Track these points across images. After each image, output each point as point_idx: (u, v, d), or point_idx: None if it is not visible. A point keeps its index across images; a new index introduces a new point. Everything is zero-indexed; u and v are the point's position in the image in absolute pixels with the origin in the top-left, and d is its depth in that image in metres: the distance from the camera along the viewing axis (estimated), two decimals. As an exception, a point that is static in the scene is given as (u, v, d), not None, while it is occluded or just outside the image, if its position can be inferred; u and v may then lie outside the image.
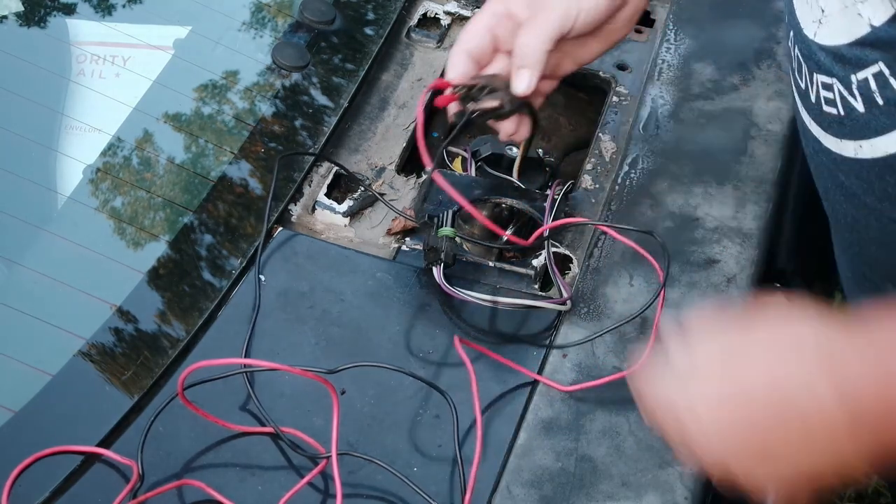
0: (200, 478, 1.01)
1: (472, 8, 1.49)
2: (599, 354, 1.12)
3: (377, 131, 1.35)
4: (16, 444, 1.01)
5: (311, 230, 1.25)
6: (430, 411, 1.08)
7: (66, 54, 1.33)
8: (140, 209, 1.21)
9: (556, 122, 1.50)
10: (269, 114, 1.32)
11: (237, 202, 1.24)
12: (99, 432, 1.04)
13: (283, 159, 1.26)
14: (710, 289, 1.18)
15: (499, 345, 1.14)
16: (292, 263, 1.20)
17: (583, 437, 1.06)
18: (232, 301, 1.16)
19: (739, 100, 1.37)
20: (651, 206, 1.26)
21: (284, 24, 1.43)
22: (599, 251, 1.21)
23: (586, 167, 1.31)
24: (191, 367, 1.02)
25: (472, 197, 1.27)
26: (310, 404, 1.07)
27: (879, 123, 0.85)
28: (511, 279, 1.20)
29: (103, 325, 1.11)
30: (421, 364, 1.11)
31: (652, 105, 1.37)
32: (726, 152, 1.32)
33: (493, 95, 1.14)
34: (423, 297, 1.18)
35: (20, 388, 1.05)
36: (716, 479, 0.83)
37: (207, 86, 1.34)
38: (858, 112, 0.86)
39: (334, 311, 1.16)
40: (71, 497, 1.00)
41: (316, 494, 1.02)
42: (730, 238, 1.23)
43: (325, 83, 1.37)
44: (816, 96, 0.91)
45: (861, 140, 0.88)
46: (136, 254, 1.18)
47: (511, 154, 1.33)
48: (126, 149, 1.26)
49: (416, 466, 1.04)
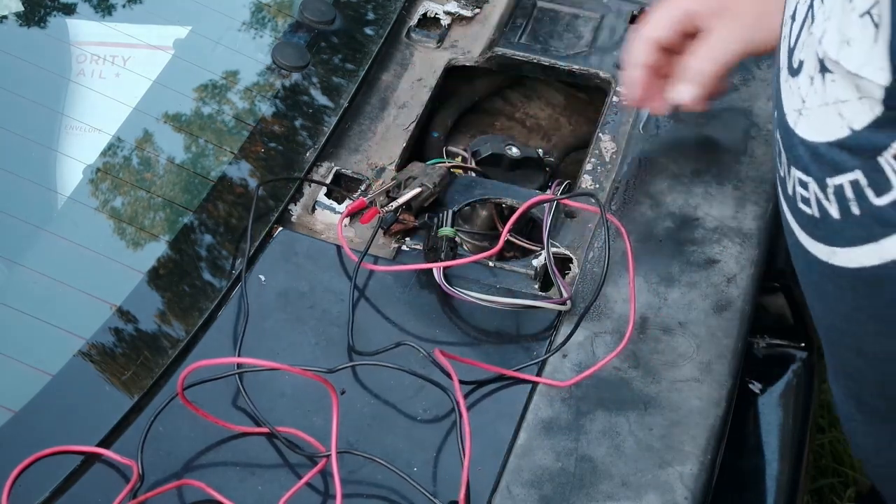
0: (200, 478, 1.01)
1: (472, 8, 1.49)
2: (599, 354, 1.12)
3: (377, 131, 1.35)
4: (16, 444, 1.01)
5: (311, 230, 1.25)
6: (431, 411, 1.08)
7: (66, 54, 1.33)
8: (140, 209, 1.21)
9: (556, 122, 1.50)
10: (269, 114, 1.32)
11: (237, 202, 1.24)
12: (99, 432, 1.04)
13: (266, 185, 1.26)
14: (710, 289, 1.18)
15: (498, 345, 1.14)
16: (292, 263, 1.20)
17: (583, 437, 1.06)
18: (232, 301, 1.16)
19: (739, 100, 1.37)
20: (651, 206, 1.26)
21: (284, 24, 1.43)
22: (599, 251, 1.21)
23: (586, 167, 1.31)
24: (190, 366, 1.02)
25: (472, 197, 1.27)
26: (310, 404, 1.07)
27: (854, 234, 0.79)
28: (511, 279, 1.20)
29: (103, 325, 1.11)
30: (421, 364, 1.11)
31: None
32: (726, 152, 1.32)
33: (411, 185, 1.22)
34: (423, 297, 1.18)
35: (20, 388, 1.05)
36: None
37: (207, 86, 1.34)
38: (833, 218, 0.80)
39: (334, 311, 1.16)
40: (71, 497, 1.00)
41: (316, 494, 1.02)
42: (730, 238, 1.23)
43: (325, 83, 1.37)
44: (793, 190, 0.85)
45: (835, 247, 0.81)
46: (136, 254, 1.18)
47: (511, 154, 1.33)
48: (126, 149, 1.26)
49: (417, 466, 1.04)
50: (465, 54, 1.45)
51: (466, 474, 1.00)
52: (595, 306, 1.15)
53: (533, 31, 1.47)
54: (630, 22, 1.48)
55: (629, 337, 1.12)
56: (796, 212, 0.85)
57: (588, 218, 1.25)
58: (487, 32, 1.47)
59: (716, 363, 1.11)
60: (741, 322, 1.16)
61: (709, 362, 1.12)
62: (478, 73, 1.49)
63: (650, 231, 1.23)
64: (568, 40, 1.46)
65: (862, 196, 0.76)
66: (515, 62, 1.45)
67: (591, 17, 1.49)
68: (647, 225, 1.24)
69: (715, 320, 1.15)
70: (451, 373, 1.08)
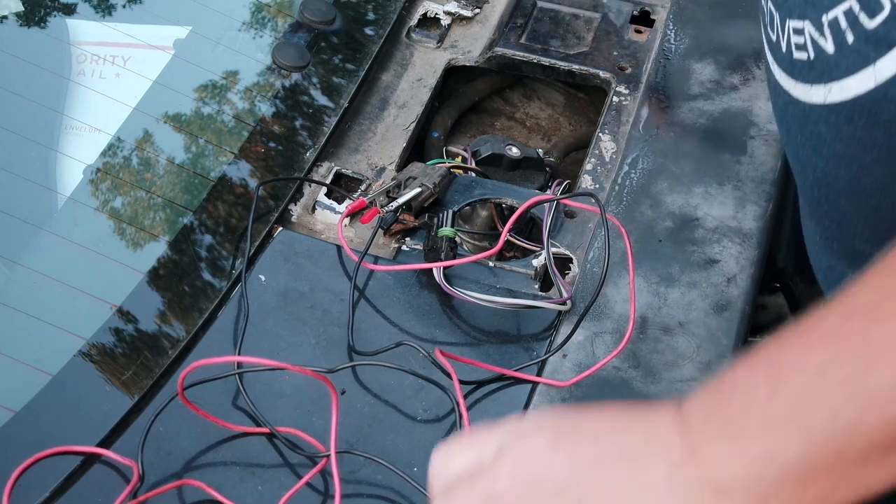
0: (200, 478, 1.01)
1: (472, 8, 1.49)
2: (599, 354, 1.12)
3: (377, 131, 1.35)
4: (16, 445, 1.01)
5: (311, 230, 1.25)
6: (431, 411, 1.08)
7: (66, 54, 1.33)
8: (140, 209, 1.21)
9: (556, 122, 1.50)
10: (269, 114, 1.32)
11: (237, 202, 1.24)
12: (99, 432, 1.04)
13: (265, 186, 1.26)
14: (710, 289, 1.18)
15: (498, 345, 1.14)
16: (292, 263, 1.20)
17: (583, 437, 1.06)
18: (232, 301, 1.16)
19: (739, 100, 1.37)
20: (651, 206, 1.26)
21: (284, 24, 1.43)
22: (599, 251, 1.21)
23: (586, 167, 1.31)
24: (190, 366, 1.02)
25: (472, 197, 1.27)
26: (310, 404, 1.07)
27: (849, 63, 0.84)
28: (511, 279, 1.20)
29: (103, 325, 1.11)
30: (421, 364, 1.11)
31: (652, 105, 1.37)
32: (726, 152, 1.32)
33: (411, 185, 1.22)
34: (423, 297, 1.18)
35: (20, 388, 1.05)
36: None
37: (207, 86, 1.34)
38: (828, 54, 0.85)
39: (334, 311, 1.16)
40: (71, 497, 1.00)
41: (316, 494, 1.02)
42: (730, 238, 1.23)
43: (325, 83, 1.37)
44: (787, 45, 0.90)
45: (831, 83, 0.86)
46: (136, 254, 1.18)
47: (511, 154, 1.33)
48: (126, 149, 1.26)
49: (417, 466, 1.04)
50: (465, 54, 1.45)
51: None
52: (595, 306, 1.15)
53: (533, 31, 1.47)
54: (630, 22, 1.48)
55: (629, 337, 1.12)
56: (791, 65, 0.90)
57: (588, 218, 1.26)
58: (487, 32, 1.47)
59: (716, 363, 1.11)
60: (741, 322, 1.16)
61: (709, 362, 1.12)
62: (478, 73, 1.49)
63: (650, 231, 1.23)
64: (568, 40, 1.46)
65: (855, 22, 0.81)
66: (515, 62, 1.45)
67: (591, 17, 1.49)
68: (647, 225, 1.24)
69: (715, 320, 1.15)
70: (451, 373, 1.08)
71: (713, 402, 0.68)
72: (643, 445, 0.69)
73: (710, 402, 0.68)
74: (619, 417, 0.72)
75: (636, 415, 0.71)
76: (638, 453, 0.69)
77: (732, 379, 0.68)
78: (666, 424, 0.69)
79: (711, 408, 0.68)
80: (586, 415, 0.73)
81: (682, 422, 0.68)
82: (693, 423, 0.68)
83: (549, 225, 1.21)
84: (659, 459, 0.68)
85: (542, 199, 1.22)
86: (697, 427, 0.67)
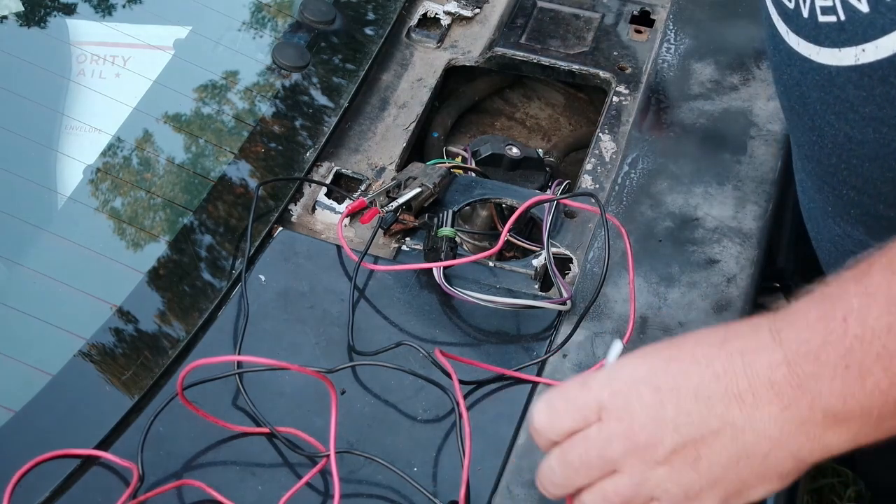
0: (200, 478, 1.01)
1: (472, 8, 1.49)
2: (599, 354, 1.12)
3: (377, 131, 1.35)
4: (16, 445, 1.01)
5: (311, 230, 1.25)
6: (431, 411, 1.08)
7: (66, 54, 1.33)
8: (140, 209, 1.21)
9: (556, 122, 1.51)
10: (269, 114, 1.33)
11: (237, 202, 1.24)
12: (99, 432, 1.04)
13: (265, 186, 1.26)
14: (710, 289, 1.18)
15: (498, 345, 1.14)
16: (292, 263, 1.20)
17: (583, 437, 1.06)
18: (232, 301, 1.16)
19: (739, 100, 1.37)
20: (651, 206, 1.26)
21: (284, 24, 1.43)
22: (599, 251, 1.21)
23: (586, 167, 1.32)
24: (190, 366, 1.02)
25: (472, 197, 1.27)
26: (310, 404, 1.07)
27: (886, 21, 0.83)
28: (511, 279, 1.20)
29: (103, 325, 1.11)
30: (421, 364, 1.11)
31: (652, 105, 1.37)
32: (726, 152, 1.32)
33: (411, 185, 1.22)
34: (423, 297, 1.18)
35: (20, 388, 1.05)
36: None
37: (207, 86, 1.34)
38: (862, 13, 0.85)
39: (334, 311, 1.16)
40: (71, 498, 1.00)
41: (316, 494, 1.02)
42: (730, 238, 1.23)
43: (325, 83, 1.37)
44: (810, 10, 0.89)
45: (864, 43, 0.86)
46: (136, 254, 1.18)
47: (511, 154, 1.33)
48: (126, 149, 1.26)
49: (417, 466, 1.04)
50: (465, 54, 1.45)
51: (466, 474, 1.00)
52: (595, 306, 1.15)
53: (533, 31, 1.47)
54: (630, 22, 1.48)
55: (629, 337, 1.12)
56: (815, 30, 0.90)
57: (588, 218, 1.26)
58: (487, 32, 1.47)
59: (716, 363, 1.11)
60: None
61: (709, 362, 1.11)
62: (478, 73, 1.49)
63: (650, 231, 1.23)
64: (568, 40, 1.46)
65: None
66: (515, 62, 1.45)
67: (591, 17, 1.49)
68: (647, 225, 1.24)
69: (715, 320, 1.15)
70: (451, 373, 1.08)
71: (818, 336, 0.74)
72: (747, 394, 0.75)
73: (813, 336, 0.74)
74: (713, 362, 0.77)
75: (731, 359, 0.76)
76: (745, 402, 0.75)
77: (831, 307, 0.74)
78: (769, 366, 0.75)
79: (818, 343, 0.74)
80: (679, 363, 0.79)
81: (786, 361, 0.74)
82: (800, 360, 0.74)
83: (549, 225, 1.21)
84: (767, 405, 0.75)
85: (542, 199, 1.22)
86: (806, 362, 0.74)
